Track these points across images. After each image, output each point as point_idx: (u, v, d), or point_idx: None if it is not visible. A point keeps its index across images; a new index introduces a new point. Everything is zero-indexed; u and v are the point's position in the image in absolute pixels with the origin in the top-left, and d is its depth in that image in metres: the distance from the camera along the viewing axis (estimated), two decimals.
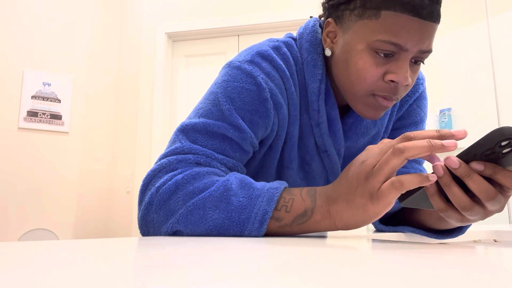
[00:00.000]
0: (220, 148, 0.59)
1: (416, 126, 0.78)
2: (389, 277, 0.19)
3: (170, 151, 0.58)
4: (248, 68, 0.62)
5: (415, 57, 0.58)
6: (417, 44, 0.55)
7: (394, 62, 0.57)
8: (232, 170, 0.60)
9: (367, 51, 0.57)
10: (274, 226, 0.51)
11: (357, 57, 0.58)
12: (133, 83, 2.97)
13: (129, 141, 2.92)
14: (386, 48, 0.56)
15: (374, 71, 0.57)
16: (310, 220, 0.50)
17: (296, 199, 0.51)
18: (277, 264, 0.24)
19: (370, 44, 0.57)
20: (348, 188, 0.48)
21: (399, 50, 0.56)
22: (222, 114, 0.60)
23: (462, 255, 0.31)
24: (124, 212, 2.83)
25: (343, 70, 0.62)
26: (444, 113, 2.28)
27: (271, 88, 0.63)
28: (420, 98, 0.78)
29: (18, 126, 2.69)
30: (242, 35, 2.85)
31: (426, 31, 0.55)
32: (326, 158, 0.71)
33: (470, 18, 2.23)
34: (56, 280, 0.17)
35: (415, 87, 0.76)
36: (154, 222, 0.54)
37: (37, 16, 2.83)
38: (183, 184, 0.53)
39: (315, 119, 0.68)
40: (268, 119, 0.62)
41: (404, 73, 0.57)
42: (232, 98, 0.60)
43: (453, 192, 0.43)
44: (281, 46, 0.67)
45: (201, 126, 0.59)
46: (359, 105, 0.62)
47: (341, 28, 0.62)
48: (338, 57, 0.63)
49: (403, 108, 0.76)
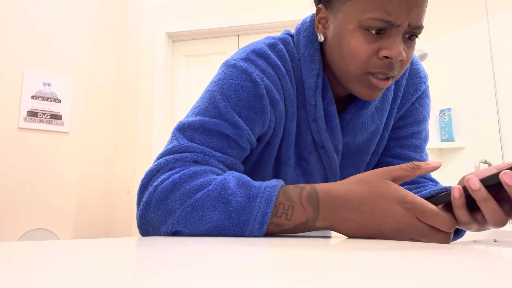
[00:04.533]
0: (218, 145, 0.59)
1: (419, 125, 0.77)
2: (389, 277, 0.19)
3: (168, 150, 0.58)
4: (243, 65, 0.63)
5: (407, 32, 0.58)
6: (406, 17, 0.56)
7: (387, 38, 0.57)
8: (229, 168, 0.60)
9: (358, 30, 0.58)
10: (275, 229, 0.51)
11: (349, 36, 0.59)
12: (133, 83, 2.97)
13: (129, 141, 2.92)
14: (377, 25, 0.56)
15: (367, 48, 0.58)
16: (312, 227, 0.51)
17: (296, 207, 0.50)
18: (277, 264, 0.24)
19: (360, 23, 0.57)
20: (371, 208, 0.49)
21: (390, 26, 0.56)
22: (219, 111, 0.60)
23: (462, 255, 0.31)
24: (124, 212, 2.83)
25: (336, 52, 0.62)
26: (444, 113, 2.28)
27: (266, 84, 0.63)
28: (422, 97, 0.77)
29: (18, 126, 2.69)
30: (242, 35, 2.85)
31: (414, 5, 0.56)
32: (323, 154, 0.71)
33: (470, 18, 2.23)
34: (56, 280, 0.17)
35: (418, 85, 0.75)
36: (153, 221, 0.54)
37: (37, 16, 2.83)
38: (180, 183, 0.52)
39: (312, 114, 0.68)
40: (264, 115, 0.63)
41: (397, 47, 0.57)
42: (228, 95, 0.61)
43: (491, 207, 0.45)
44: (277, 43, 0.68)
45: (198, 124, 0.59)
46: (355, 86, 0.62)
47: (331, 12, 0.62)
48: (331, 41, 0.63)
49: (405, 107, 0.76)
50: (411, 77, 0.75)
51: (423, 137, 0.78)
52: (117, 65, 3.12)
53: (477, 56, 2.18)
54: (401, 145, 0.77)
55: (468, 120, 2.20)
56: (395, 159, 0.76)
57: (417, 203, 0.47)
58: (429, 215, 0.46)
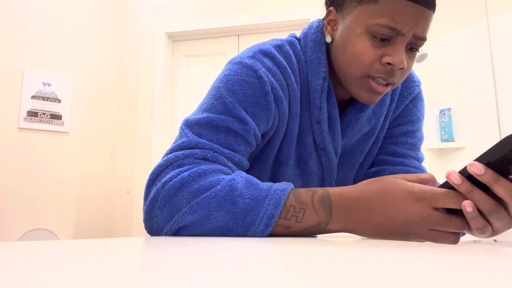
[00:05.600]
0: (226, 142, 0.59)
1: (413, 124, 0.79)
2: (389, 277, 0.19)
3: (177, 146, 0.58)
4: (249, 62, 0.63)
5: (411, 43, 0.61)
6: (412, 28, 0.58)
7: (391, 46, 0.60)
8: (237, 165, 0.60)
9: (365, 35, 0.60)
10: (283, 231, 0.51)
11: (356, 39, 0.61)
12: (133, 83, 2.97)
13: (129, 141, 2.92)
14: (384, 32, 0.59)
15: (372, 53, 0.60)
16: (324, 230, 0.51)
17: (307, 210, 0.50)
18: (278, 264, 0.24)
19: (368, 28, 0.60)
20: (389, 218, 0.48)
21: (396, 34, 0.59)
22: (225, 107, 0.60)
23: (462, 255, 0.31)
24: (124, 212, 2.83)
25: (341, 53, 0.64)
26: (444, 113, 2.28)
27: (272, 82, 0.63)
28: (416, 99, 0.80)
29: (18, 126, 2.69)
30: (242, 35, 2.85)
31: (421, 17, 0.58)
32: (324, 155, 0.72)
33: (470, 18, 2.23)
34: (56, 280, 0.17)
35: (411, 89, 0.78)
36: (157, 218, 0.54)
37: (37, 16, 2.83)
38: (188, 182, 0.52)
39: (316, 116, 0.69)
40: (269, 112, 0.63)
41: (400, 56, 0.59)
42: (234, 91, 0.61)
43: (479, 197, 0.44)
44: (284, 45, 0.69)
45: (205, 121, 0.59)
46: (355, 88, 0.64)
47: (341, 15, 0.65)
48: (337, 42, 0.65)
49: (400, 108, 0.79)
50: (405, 82, 0.78)
51: (418, 137, 0.80)
52: (117, 65, 3.12)
53: (477, 56, 2.18)
54: (396, 142, 0.78)
55: (468, 120, 2.20)
56: (390, 157, 0.78)
57: (426, 190, 0.47)
58: (440, 197, 0.46)
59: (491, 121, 2.08)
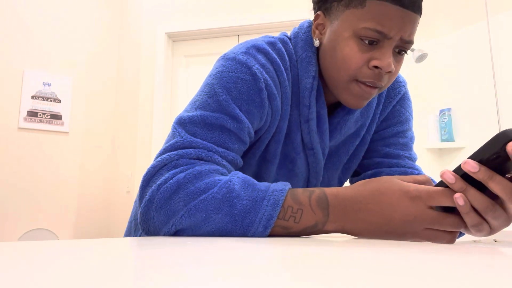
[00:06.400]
0: (220, 140, 0.58)
1: (402, 124, 0.80)
2: (389, 277, 0.19)
3: (170, 146, 0.57)
4: (243, 58, 0.63)
5: (398, 46, 0.61)
6: (399, 31, 0.59)
7: (378, 49, 0.60)
8: (232, 163, 0.60)
9: (353, 38, 0.61)
10: (281, 232, 0.51)
11: (343, 43, 0.62)
12: (133, 83, 2.97)
13: (129, 141, 2.92)
14: (371, 35, 0.59)
15: (359, 57, 0.61)
16: (321, 230, 0.51)
17: (305, 211, 0.50)
18: (278, 263, 0.24)
19: (356, 32, 0.60)
20: (385, 219, 0.48)
21: (383, 38, 0.59)
22: (219, 104, 0.60)
23: (462, 255, 0.31)
24: (124, 212, 2.83)
25: (330, 57, 0.65)
26: (444, 113, 2.28)
27: (266, 79, 0.63)
28: (403, 100, 0.80)
29: (18, 126, 2.69)
30: (242, 35, 2.85)
31: (408, 20, 0.59)
32: (311, 155, 0.72)
33: (470, 18, 2.23)
34: (56, 280, 0.17)
35: (397, 90, 0.79)
36: (154, 220, 0.53)
37: (37, 16, 2.83)
38: (184, 184, 0.52)
39: (305, 115, 0.69)
40: (263, 109, 0.63)
41: (387, 59, 0.60)
42: (228, 88, 0.60)
43: (473, 195, 0.44)
44: (276, 42, 0.69)
45: (199, 118, 0.59)
46: (343, 93, 0.65)
47: (329, 19, 0.65)
48: (326, 46, 0.66)
49: (387, 110, 0.79)
50: (391, 83, 0.78)
51: (409, 137, 0.80)
52: (117, 65, 3.12)
53: (477, 56, 2.18)
54: (388, 144, 0.79)
55: (468, 120, 2.20)
56: (385, 159, 0.78)
57: (421, 189, 0.47)
58: (435, 195, 0.46)
59: (491, 121, 2.08)
